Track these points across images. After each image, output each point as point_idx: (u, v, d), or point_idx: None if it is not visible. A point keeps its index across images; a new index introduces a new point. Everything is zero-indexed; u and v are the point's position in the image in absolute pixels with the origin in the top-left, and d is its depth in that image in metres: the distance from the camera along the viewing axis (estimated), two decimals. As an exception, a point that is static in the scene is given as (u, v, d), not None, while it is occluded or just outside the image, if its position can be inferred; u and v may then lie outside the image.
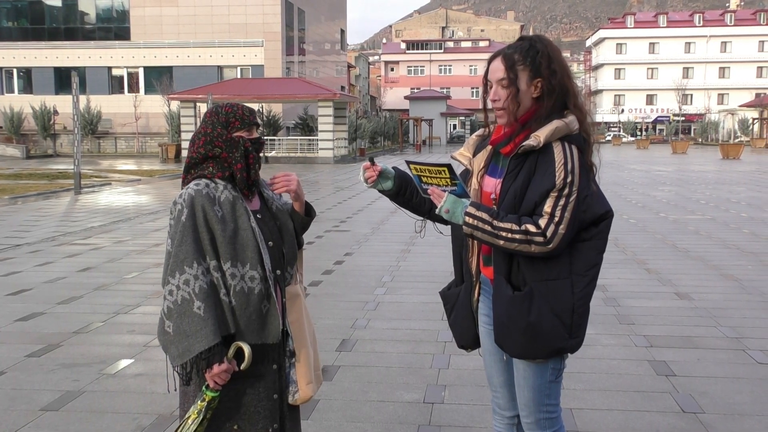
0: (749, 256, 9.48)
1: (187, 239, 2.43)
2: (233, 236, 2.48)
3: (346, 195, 18.83)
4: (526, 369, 2.66)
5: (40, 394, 4.59)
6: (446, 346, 5.51)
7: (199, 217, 2.46)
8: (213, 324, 2.39)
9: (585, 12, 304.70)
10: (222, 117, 2.58)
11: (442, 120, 71.65)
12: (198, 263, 2.42)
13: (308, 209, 2.80)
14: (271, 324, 2.54)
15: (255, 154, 2.60)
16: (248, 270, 2.49)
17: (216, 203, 2.50)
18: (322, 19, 59.21)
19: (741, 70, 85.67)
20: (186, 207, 2.47)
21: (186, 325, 2.39)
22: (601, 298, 6.95)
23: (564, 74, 2.57)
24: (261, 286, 2.51)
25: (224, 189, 2.54)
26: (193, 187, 2.51)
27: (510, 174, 2.57)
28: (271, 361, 2.59)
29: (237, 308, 2.48)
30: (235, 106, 2.62)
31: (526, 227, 2.46)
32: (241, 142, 2.57)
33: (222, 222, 2.48)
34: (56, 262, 9.20)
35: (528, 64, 2.55)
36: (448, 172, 2.59)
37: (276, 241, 2.62)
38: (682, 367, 5.06)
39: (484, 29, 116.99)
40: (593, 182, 2.58)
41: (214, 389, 2.45)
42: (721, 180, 23.68)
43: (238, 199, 2.55)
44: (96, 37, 49.55)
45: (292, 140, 38.94)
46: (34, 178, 24.05)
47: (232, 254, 2.47)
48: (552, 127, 2.51)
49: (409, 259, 9.35)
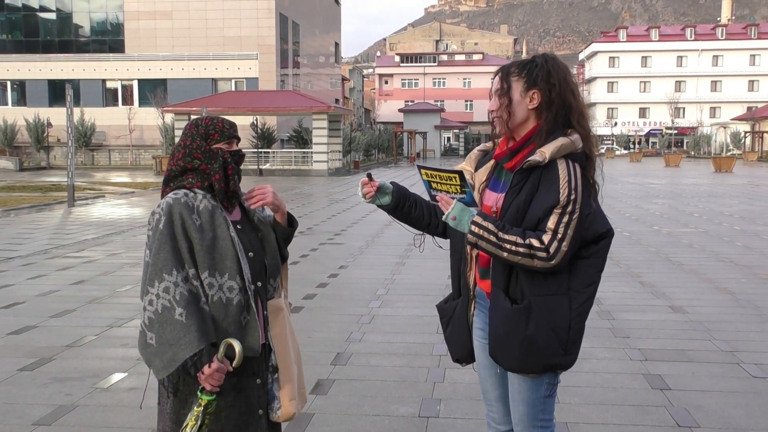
0: (742, 269, 9.51)
1: (165, 247, 2.40)
2: (211, 245, 2.45)
3: (340, 208, 18.83)
4: (521, 384, 2.66)
5: (32, 409, 4.56)
6: (441, 360, 5.49)
7: (177, 225, 2.43)
8: (196, 329, 2.34)
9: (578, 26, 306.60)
10: (202, 129, 2.57)
11: (436, 133, 71.83)
12: (177, 270, 2.39)
13: (290, 219, 2.76)
14: (250, 336, 2.49)
15: (234, 165, 2.57)
16: (227, 280, 2.45)
17: (194, 212, 2.47)
18: (317, 32, 59.45)
19: (733, 83, 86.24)
20: (164, 215, 2.44)
21: (168, 334, 2.34)
22: (595, 311, 6.95)
23: (566, 90, 2.60)
24: (240, 296, 2.46)
25: (203, 198, 2.51)
26: (172, 196, 2.48)
27: (513, 188, 2.59)
28: (253, 374, 2.54)
29: (215, 320, 2.44)
30: (215, 119, 2.60)
31: (530, 242, 2.47)
32: (220, 154, 2.55)
33: (200, 231, 2.44)
34: (49, 275, 9.16)
35: (523, 76, 2.61)
36: (459, 179, 2.60)
37: (257, 253, 2.58)
38: (676, 381, 5.06)
39: (477, 42, 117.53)
40: (594, 201, 2.60)
41: (209, 392, 2.39)
42: (714, 193, 23.77)
43: (217, 208, 2.52)
44: (90, 49, 49.62)
45: (287, 153, 39.00)
46: (27, 190, 23.98)
47: (210, 264, 2.44)
48: (558, 144, 2.53)
49: (403, 272, 9.35)
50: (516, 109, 2.61)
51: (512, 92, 2.61)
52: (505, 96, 2.62)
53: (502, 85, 2.63)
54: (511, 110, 2.61)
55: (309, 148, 38.33)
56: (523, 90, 2.60)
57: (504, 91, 2.62)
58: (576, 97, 2.63)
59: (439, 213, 2.75)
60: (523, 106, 2.61)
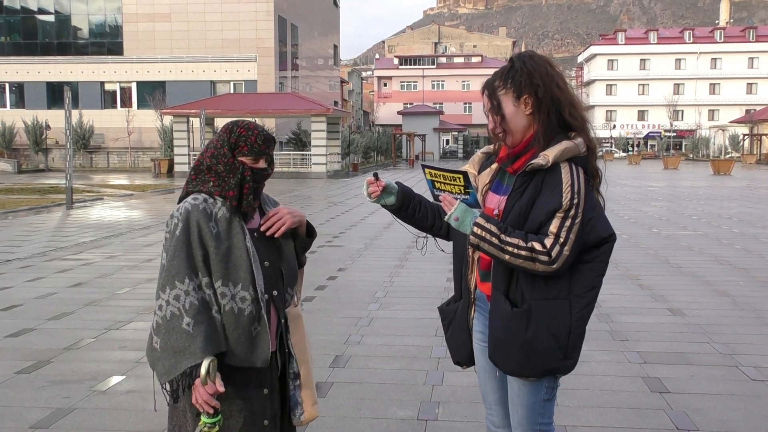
0: (741, 272, 9.51)
1: (180, 254, 2.39)
2: (227, 254, 2.44)
3: (339, 210, 18.82)
4: (520, 387, 2.65)
5: (29, 412, 4.54)
6: (440, 363, 5.49)
7: (193, 233, 2.42)
8: (202, 341, 2.33)
9: (576, 28, 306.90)
10: (233, 138, 2.51)
11: (434, 135, 71.85)
12: (190, 279, 2.38)
13: (309, 230, 2.74)
14: (260, 347, 2.47)
15: (251, 184, 2.49)
16: (240, 290, 2.44)
17: (212, 219, 2.45)
18: (315, 34, 59.48)
19: (731, 86, 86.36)
20: (181, 221, 2.43)
21: (174, 341, 2.33)
22: (594, 314, 6.91)
23: (550, 85, 2.57)
24: (252, 307, 2.45)
25: (222, 206, 2.49)
26: (191, 201, 2.47)
27: (516, 191, 2.58)
28: (261, 385, 2.52)
29: (225, 329, 2.43)
30: (251, 130, 2.51)
31: (533, 245, 2.46)
32: (240, 170, 2.49)
33: (216, 239, 2.43)
34: (47, 278, 9.14)
35: (509, 86, 2.58)
36: (463, 180, 2.59)
37: (273, 261, 2.56)
38: (675, 384, 5.06)
39: (476, 45, 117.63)
40: (598, 205, 2.59)
41: (208, 414, 2.33)
42: (713, 195, 23.79)
43: (235, 217, 2.49)
44: (89, 51, 49.63)
45: (285, 155, 38.97)
46: (25, 192, 23.95)
47: (224, 273, 2.43)
48: (561, 147, 2.53)
49: (402, 275, 9.34)
50: (514, 119, 2.59)
51: (504, 107, 2.59)
52: (497, 113, 2.60)
53: (491, 103, 2.61)
54: (507, 125, 2.60)
55: (308, 150, 38.33)
56: (515, 100, 2.58)
57: (495, 109, 2.61)
58: (562, 89, 2.59)
59: (442, 214, 2.74)
60: (520, 114, 2.59)
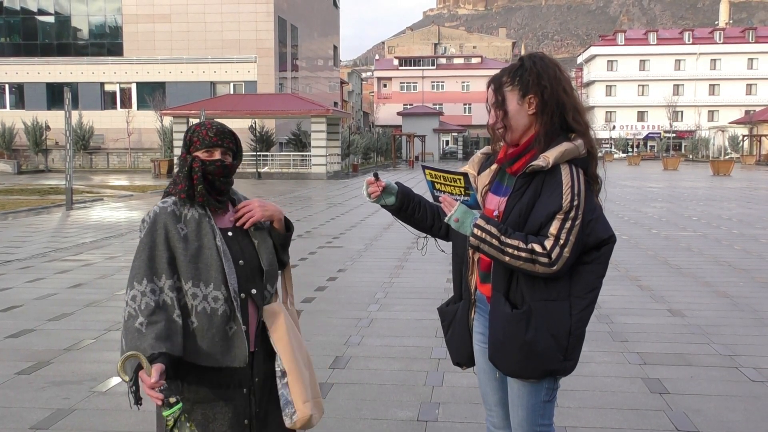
0: (741, 273, 9.51)
1: (141, 255, 2.40)
2: (196, 255, 2.43)
3: (339, 211, 18.82)
4: (521, 388, 2.65)
5: (29, 413, 4.54)
6: (440, 364, 5.49)
7: (159, 235, 2.42)
8: (152, 338, 2.29)
9: (576, 29, 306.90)
10: (188, 136, 2.54)
11: (434, 136, 71.88)
12: (148, 280, 2.37)
13: (287, 224, 2.71)
14: (237, 347, 2.44)
15: (199, 174, 2.46)
16: (212, 290, 2.42)
17: (181, 221, 2.46)
18: (315, 35, 59.49)
19: (730, 87, 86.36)
20: (148, 224, 2.45)
21: (129, 341, 2.33)
22: (594, 315, 6.91)
23: (557, 88, 2.57)
24: (225, 307, 2.43)
25: (191, 207, 2.49)
26: (160, 204, 2.49)
27: (516, 192, 2.58)
28: (240, 385, 2.50)
29: (198, 330, 2.41)
30: (203, 126, 2.52)
31: (533, 246, 2.47)
32: (189, 161, 2.49)
33: (184, 240, 2.43)
34: (47, 278, 9.14)
35: (516, 84, 2.59)
36: (463, 181, 2.59)
37: (249, 260, 2.53)
38: (675, 385, 5.06)
39: (476, 46, 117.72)
40: (597, 207, 2.59)
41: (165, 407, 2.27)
42: (712, 196, 23.79)
43: (205, 216, 2.49)
44: (89, 52, 49.62)
45: (285, 156, 38.99)
46: (25, 193, 23.95)
47: (195, 274, 2.41)
48: (561, 149, 2.53)
49: (402, 276, 9.34)
50: (516, 117, 2.59)
51: (508, 103, 2.59)
52: (500, 108, 2.60)
53: (496, 98, 2.61)
54: (508, 122, 2.60)
55: (308, 151, 38.34)
56: (520, 98, 2.58)
57: (499, 104, 2.61)
58: (569, 94, 2.60)
59: (442, 215, 2.74)
60: (523, 113, 2.59)
